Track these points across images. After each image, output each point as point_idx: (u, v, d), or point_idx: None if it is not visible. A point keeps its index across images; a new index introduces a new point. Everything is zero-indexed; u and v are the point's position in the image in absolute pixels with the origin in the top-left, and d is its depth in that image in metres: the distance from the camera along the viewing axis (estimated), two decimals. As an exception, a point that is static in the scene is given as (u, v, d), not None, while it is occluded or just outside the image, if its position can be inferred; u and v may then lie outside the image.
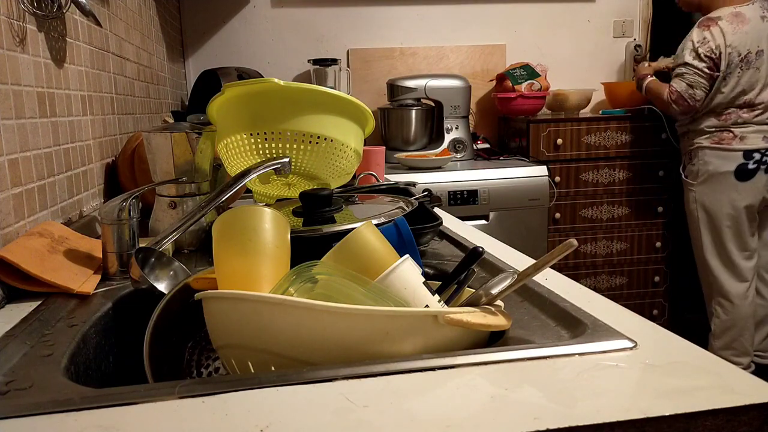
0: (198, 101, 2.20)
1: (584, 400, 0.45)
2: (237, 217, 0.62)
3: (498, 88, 2.68)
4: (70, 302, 0.74)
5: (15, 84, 0.86)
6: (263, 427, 0.42)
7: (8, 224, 0.81)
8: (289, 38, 2.73)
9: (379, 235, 0.63)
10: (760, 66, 2.12)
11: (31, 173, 0.90)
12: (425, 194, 1.10)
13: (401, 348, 0.52)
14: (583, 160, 2.48)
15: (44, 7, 0.97)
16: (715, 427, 0.43)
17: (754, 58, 2.11)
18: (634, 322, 0.60)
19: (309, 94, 1.00)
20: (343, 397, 0.46)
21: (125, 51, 1.52)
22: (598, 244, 2.54)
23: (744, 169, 2.12)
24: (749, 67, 2.11)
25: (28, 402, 0.48)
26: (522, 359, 0.52)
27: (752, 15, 2.12)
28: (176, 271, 0.79)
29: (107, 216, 0.83)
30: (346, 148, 1.04)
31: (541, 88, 2.60)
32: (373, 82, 2.78)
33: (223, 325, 0.55)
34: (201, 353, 0.69)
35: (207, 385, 0.48)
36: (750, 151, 2.10)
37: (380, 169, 1.67)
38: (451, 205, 2.22)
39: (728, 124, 2.14)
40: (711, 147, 2.16)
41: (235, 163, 1.04)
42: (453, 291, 0.67)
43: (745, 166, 2.11)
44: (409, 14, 2.80)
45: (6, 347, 0.59)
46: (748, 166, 2.11)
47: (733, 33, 2.10)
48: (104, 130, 1.30)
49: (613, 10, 2.93)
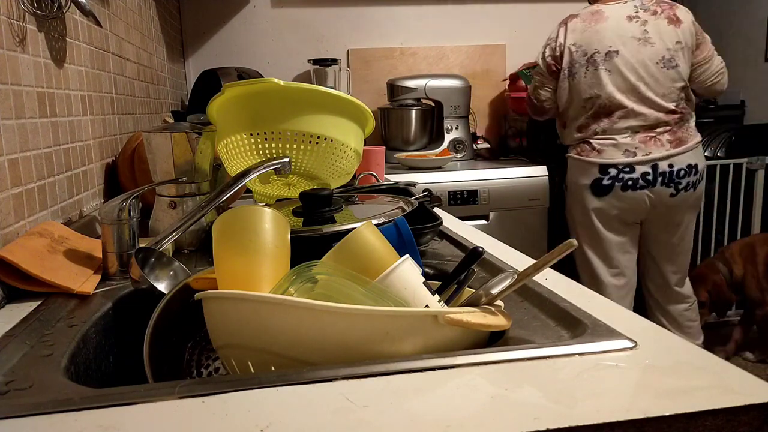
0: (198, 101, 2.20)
1: (584, 400, 0.45)
2: (237, 217, 0.62)
3: (511, 87, 2.68)
4: (70, 302, 0.74)
5: (15, 84, 0.86)
6: (263, 427, 0.42)
7: (8, 224, 0.82)
8: (289, 38, 2.73)
9: (379, 235, 0.63)
10: (612, 69, 1.94)
11: (31, 173, 0.90)
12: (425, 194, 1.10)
13: (401, 348, 0.52)
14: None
15: (44, 7, 0.97)
16: (715, 427, 0.43)
17: (603, 59, 1.94)
18: (634, 322, 0.60)
19: (309, 94, 1.00)
20: (343, 397, 0.46)
21: (125, 51, 1.52)
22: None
23: (599, 184, 1.99)
24: (596, 67, 1.95)
25: (28, 402, 0.48)
26: (522, 359, 0.52)
27: (615, 14, 1.97)
28: (176, 271, 0.79)
29: (107, 216, 0.83)
30: (346, 148, 1.04)
31: (553, 87, 2.60)
32: (373, 82, 2.78)
33: (223, 325, 0.55)
34: (201, 353, 0.69)
35: (207, 385, 0.48)
36: (606, 166, 1.97)
37: (380, 169, 1.67)
38: (451, 205, 2.22)
39: (588, 135, 2.01)
40: (574, 157, 2.07)
41: (235, 163, 1.04)
42: (453, 291, 0.67)
43: (600, 181, 1.98)
44: (409, 14, 2.80)
45: (6, 347, 0.59)
46: (603, 182, 1.98)
47: (582, 31, 1.98)
48: (104, 130, 1.30)
49: (613, 10, 2.93)
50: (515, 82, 2.65)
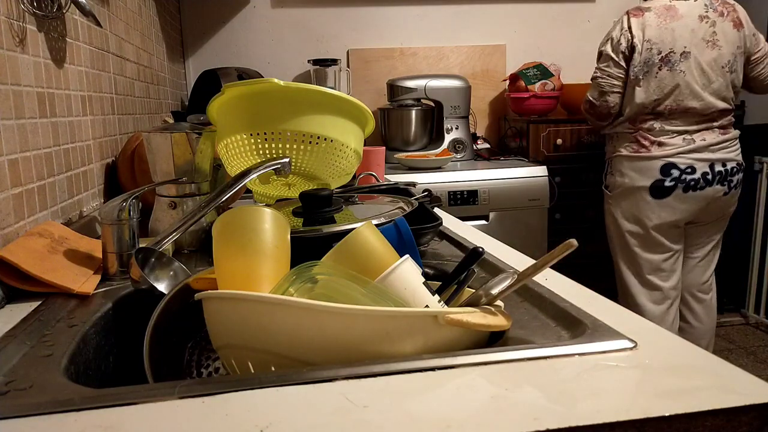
0: (198, 101, 2.20)
1: (584, 400, 0.45)
2: (237, 217, 0.62)
3: (511, 88, 2.68)
4: (70, 302, 0.74)
5: (15, 84, 0.86)
6: (263, 427, 0.42)
7: (8, 224, 0.81)
8: (289, 38, 2.73)
9: (379, 236, 0.63)
10: (685, 70, 1.90)
11: (31, 173, 0.90)
12: (425, 194, 1.10)
13: (401, 348, 0.52)
14: (584, 160, 2.48)
15: (44, 7, 0.97)
16: (715, 427, 0.43)
17: (678, 59, 1.90)
18: (634, 322, 0.60)
19: (309, 95, 1.00)
20: (343, 397, 0.46)
21: (125, 51, 1.52)
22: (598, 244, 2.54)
23: (661, 186, 1.96)
24: (671, 68, 1.91)
25: (28, 402, 0.48)
26: (522, 359, 0.52)
27: (687, 12, 1.91)
28: (176, 271, 0.79)
29: (107, 216, 0.83)
30: (346, 149, 1.04)
31: (555, 87, 2.60)
32: (373, 82, 2.78)
33: (223, 326, 0.55)
34: (201, 353, 0.69)
35: (207, 385, 0.48)
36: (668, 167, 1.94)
37: (380, 169, 1.67)
38: (451, 205, 2.22)
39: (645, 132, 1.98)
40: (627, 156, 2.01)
41: (235, 164, 1.04)
42: (453, 291, 0.67)
43: (662, 182, 1.95)
44: (409, 14, 2.80)
45: (6, 347, 0.59)
46: (665, 183, 1.95)
47: (657, 27, 1.91)
48: (104, 130, 1.30)
49: (613, 10, 2.92)
50: (515, 82, 2.65)
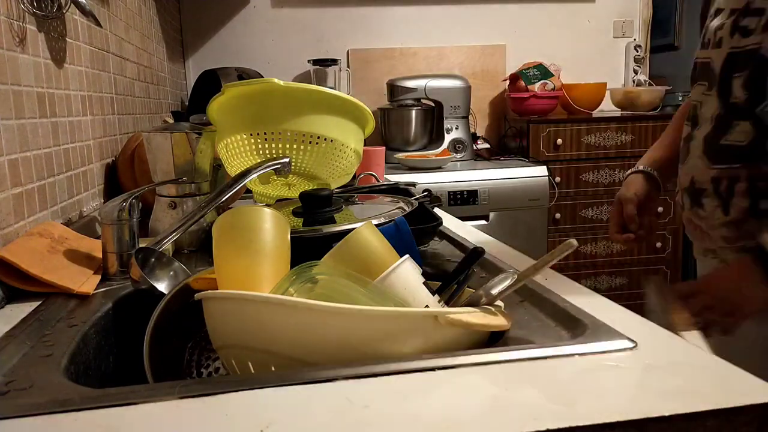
0: (198, 101, 2.20)
1: (584, 400, 0.45)
2: (237, 217, 0.62)
3: (511, 88, 2.68)
4: (70, 302, 0.73)
5: (15, 84, 0.86)
6: (263, 427, 0.42)
7: (8, 224, 0.81)
8: (289, 38, 2.73)
9: (379, 236, 0.63)
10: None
11: (31, 173, 0.90)
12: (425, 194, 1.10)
13: (401, 348, 0.52)
14: (583, 160, 2.48)
15: (44, 7, 0.97)
16: (715, 427, 0.43)
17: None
18: (634, 322, 0.60)
19: (309, 95, 1.00)
20: (343, 397, 0.46)
21: (125, 51, 1.52)
22: (598, 244, 2.54)
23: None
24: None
25: (28, 402, 0.48)
26: (522, 359, 0.52)
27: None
28: (176, 271, 0.79)
29: (107, 216, 0.83)
30: (346, 149, 1.04)
31: (555, 87, 2.60)
32: (373, 82, 2.78)
33: (223, 325, 0.55)
34: (201, 353, 0.69)
35: (207, 385, 0.48)
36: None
37: (380, 169, 1.67)
38: (451, 205, 2.22)
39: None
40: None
41: (235, 164, 1.04)
42: (453, 291, 0.67)
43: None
44: (409, 14, 2.80)
45: (6, 347, 0.59)
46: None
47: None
48: (104, 130, 1.30)
49: (613, 10, 2.93)
50: (515, 82, 2.65)
